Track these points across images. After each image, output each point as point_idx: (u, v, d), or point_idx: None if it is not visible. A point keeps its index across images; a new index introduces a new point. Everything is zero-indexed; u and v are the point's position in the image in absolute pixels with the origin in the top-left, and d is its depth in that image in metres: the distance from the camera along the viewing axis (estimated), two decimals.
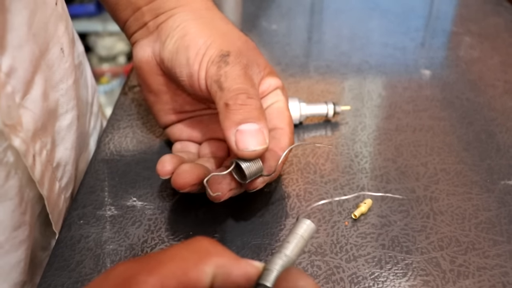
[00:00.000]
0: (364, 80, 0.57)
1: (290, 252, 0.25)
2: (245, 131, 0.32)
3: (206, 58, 0.36)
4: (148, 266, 0.21)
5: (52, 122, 0.37)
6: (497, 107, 0.52)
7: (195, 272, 0.22)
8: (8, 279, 0.34)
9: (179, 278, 0.21)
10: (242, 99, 0.33)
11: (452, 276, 0.34)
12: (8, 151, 0.31)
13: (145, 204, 0.39)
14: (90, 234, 0.37)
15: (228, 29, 0.39)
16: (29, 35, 0.32)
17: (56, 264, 0.35)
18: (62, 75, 0.37)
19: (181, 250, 0.23)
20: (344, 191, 0.41)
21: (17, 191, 0.32)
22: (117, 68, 2.10)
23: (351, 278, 0.34)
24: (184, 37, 0.37)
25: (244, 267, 0.23)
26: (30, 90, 0.32)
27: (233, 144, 0.32)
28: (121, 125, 0.48)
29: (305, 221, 0.26)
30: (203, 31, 0.37)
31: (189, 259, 0.22)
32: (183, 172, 0.34)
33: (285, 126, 0.37)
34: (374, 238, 0.37)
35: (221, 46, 0.36)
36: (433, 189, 0.41)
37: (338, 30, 0.70)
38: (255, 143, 0.32)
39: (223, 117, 0.33)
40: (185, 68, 0.36)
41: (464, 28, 0.70)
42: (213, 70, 0.35)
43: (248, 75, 0.35)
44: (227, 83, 0.34)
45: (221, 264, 0.23)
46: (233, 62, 0.35)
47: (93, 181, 0.41)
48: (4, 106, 0.29)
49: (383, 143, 0.47)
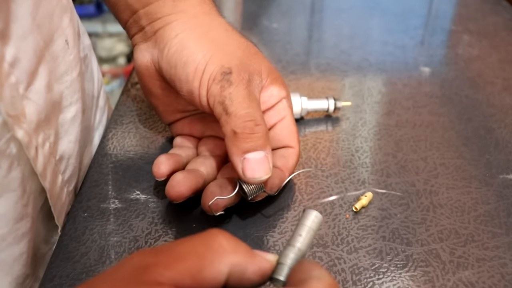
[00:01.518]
0: (364, 77, 0.58)
1: (301, 244, 0.26)
2: (252, 160, 0.33)
3: (206, 76, 0.35)
4: (165, 260, 0.21)
5: (55, 114, 0.37)
6: (495, 104, 0.53)
7: (210, 271, 0.22)
8: (11, 272, 0.34)
9: (195, 276, 0.21)
10: (250, 128, 0.33)
11: (451, 267, 0.34)
12: (11, 142, 0.31)
13: (148, 197, 0.40)
14: (94, 227, 0.37)
15: (228, 37, 0.38)
16: (33, 25, 0.32)
17: (61, 255, 0.35)
18: (67, 67, 0.37)
19: (197, 245, 0.23)
20: (345, 185, 0.41)
21: (19, 183, 0.33)
22: (117, 69, 2.11)
23: (352, 269, 0.34)
24: (182, 51, 0.36)
25: (259, 263, 0.24)
26: (34, 81, 0.32)
27: (240, 170, 0.33)
28: (124, 120, 0.49)
29: (313, 212, 0.26)
30: (201, 45, 0.36)
31: (205, 257, 0.22)
32: (177, 184, 0.35)
33: (295, 145, 0.39)
34: (375, 230, 0.37)
35: (222, 61, 0.36)
36: (433, 183, 0.41)
37: (339, 28, 0.70)
38: (261, 172, 0.33)
39: (231, 144, 0.34)
40: (185, 85, 0.36)
41: (463, 27, 0.70)
42: (215, 90, 0.35)
43: (252, 94, 0.35)
44: (233, 107, 0.34)
45: (236, 263, 0.23)
46: (236, 81, 0.35)
47: (97, 175, 0.42)
48: (8, 96, 0.29)
49: (383, 138, 0.47)
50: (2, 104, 0.29)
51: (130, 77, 0.56)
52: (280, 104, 0.39)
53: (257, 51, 0.39)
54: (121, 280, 0.20)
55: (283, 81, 0.40)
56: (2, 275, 0.34)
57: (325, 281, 0.22)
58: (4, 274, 0.34)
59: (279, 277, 0.24)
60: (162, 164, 0.37)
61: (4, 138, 0.30)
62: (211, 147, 0.41)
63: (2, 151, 0.30)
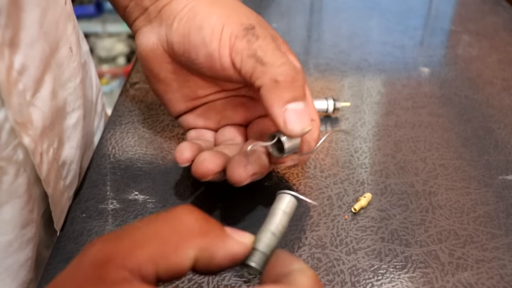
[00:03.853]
0: (364, 77, 0.58)
1: (275, 229, 0.24)
2: (294, 111, 0.32)
3: (226, 35, 0.34)
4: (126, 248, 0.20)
5: (59, 120, 0.37)
6: (495, 104, 0.52)
7: (175, 256, 0.21)
8: (17, 277, 0.34)
9: (158, 262, 0.20)
10: (293, 75, 0.32)
11: (450, 268, 0.34)
12: (18, 149, 0.31)
13: (146, 198, 0.39)
14: (92, 228, 0.37)
15: (237, 5, 0.37)
16: (41, 33, 0.32)
17: (59, 256, 0.35)
18: (71, 74, 0.37)
19: (161, 227, 0.21)
20: (344, 185, 0.41)
21: (25, 189, 0.33)
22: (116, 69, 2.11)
23: (351, 270, 0.34)
24: (194, 17, 0.35)
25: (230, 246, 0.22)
26: (40, 88, 0.32)
27: (281, 122, 0.32)
28: (123, 121, 0.48)
29: (286, 196, 0.25)
30: (213, 9, 0.35)
31: (169, 241, 0.21)
32: (204, 161, 0.34)
33: (315, 118, 0.37)
34: (373, 231, 0.37)
35: (240, 20, 0.34)
36: (432, 184, 0.41)
37: (338, 28, 0.70)
38: (304, 123, 0.32)
39: (271, 94, 0.32)
40: (202, 49, 0.35)
41: (463, 27, 0.70)
42: (242, 44, 0.33)
43: (282, 49, 0.34)
44: (268, 57, 0.32)
45: (205, 246, 0.21)
46: (263, 34, 0.33)
47: (95, 175, 0.42)
48: (16, 104, 0.29)
49: (382, 139, 0.47)
50: (10, 112, 0.29)
51: (128, 78, 0.56)
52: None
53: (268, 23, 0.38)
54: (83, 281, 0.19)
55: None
56: (9, 281, 0.34)
57: (308, 274, 0.22)
58: (11, 279, 0.34)
59: (252, 264, 0.23)
60: (186, 149, 0.35)
61: (11, 144, 0.30)
62: (231, 135, 0.39)
63: (9, 157, 0.30)
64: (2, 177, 0.30)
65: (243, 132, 0.40)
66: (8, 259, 0.33)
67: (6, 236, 0.32)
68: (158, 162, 0.43)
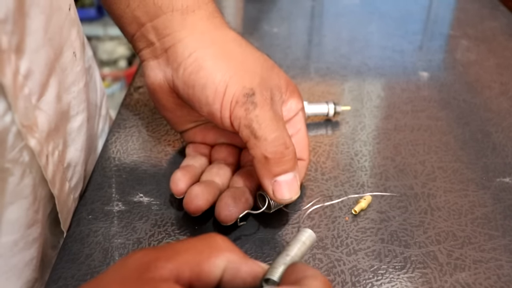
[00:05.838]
0: (364, 81, 0.59)
1: (294, 254, 0.27)
2: (282, 182, 0.34)
3: (228, 98, 0.35)
4: (165, 254, 0.23)
5: (64, 123, 0.38)
6: (493, 108, 0.53)
7: (208, 263, 0.23)
8: (22, 277, 0.35)
9: (193, 268, 0.23)
10: (281, 152, 0.34)
11: (449, 268, 0.35)
12: (24, 151, 0.32)
13: (151, 200, 0.40)
14: (98, 229, 0.38)
15: (243, 53, 0.38)
16: (45, 39, 0.33)
17: (66, 257, 0.36)
18: (74, 78, 0.38)
19: (195, 243, 0.24)
20: (344, 188, 0.42)
21: (31, 190, 0.33)
22: (118, 72, 2.12)
23: (351, 271, 0.35)
24: (198, 72, 0.36)
25: (252, 265, 0.25)
26: (45, 92, 0.33)
27: (270, 192, 0.35)
28: (127, 124, 0.49)
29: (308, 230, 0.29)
30: (217, 64, 0.36)
31: (203, 251, 0.24)
32: (195, 197, 0.36)
33: (306, 157, 0.40)
34: (373, 232, 0.38)
35: (242, 81, 0.35)
36: (431, 186, 0.42)
37: (338, 33, 0.71)
38: (292, 193, 0.35)
39: (261, 167, 0.34)
40: (205, 107, 0.36)
41: (461, 32, 0.71)
42: (240, 112, 0.35)
43: (278, 114, 0.36)
44: (261, 131, 0.34)
45: (232, 260, 0.24)
46: (261, 103, 0.35)
47: (100, 178, 0.43)
48: (22, 107, 0.30)
49: (382, 142, 0.48)
50: (16, 115, 0.30)
51: (132, 82, 0.56)
52: (296, 117, 0.40)
53: (274, 64, 0.39)
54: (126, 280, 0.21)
55: (299, 92, 0.40)
56: (14, 280, 0.35)
57: (320, 279, 0.23)
58: (16, 278, 0.35)
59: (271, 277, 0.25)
60: (180, 181, 0.37)
61: (17, 147, 0.31)
62: (225, 155, 0.42)
63: (15, 159, 0.31)
64: (8, 178, 0.31)
65: (236, 153, 0.42)
66: (13, 258, 0.34)
67: (12, 235, 0.33)
68: (162, 165, 0.44)
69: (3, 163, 0.30)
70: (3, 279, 0.34)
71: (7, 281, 0.34)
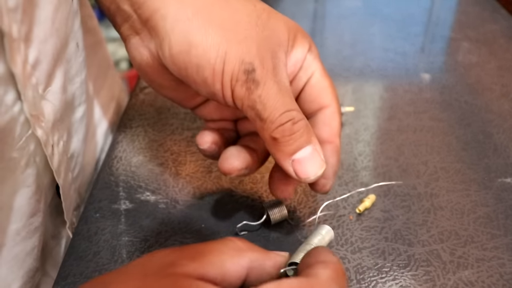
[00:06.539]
0: (366, 83, 0.59)
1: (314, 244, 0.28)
2: (301, 160, 0.31)
3: (227, 77, 0.31)
4: (189, 254, 0.23)
5: (68, 114, 0.38)
6: (494, 110, 0.54)
7: (232, 264, 0.24)
8: (24, 266, 0.36)
9: (218, 268, 0.23)
10: (289, 129, 0.31)
11: (452, 267, 0.36)
12: (30, 140, 0.32)
13: (158, 198, 0.41)
14: (106, 227, 0.38)
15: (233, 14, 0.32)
16: (53, 29, 0.33)
17: (74, 254, 0.36)
18: (77, 69, 0.39)
19: (217, 245, 0.25)
20: (348, 187, 0.42)
21: (34, 179, 0.34)
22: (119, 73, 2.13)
23: (356, 269, 0.35)
24: (189, 52, 0.31)
25: (274, 257, 0.26)
26: (51, 82, 0.34)
27: (292, 174, 0.31)
28: (133, 124, 0.50)
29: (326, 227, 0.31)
30: (208, 38, 0.31)
31: (226, 253, 0.24)
32: (231, 157, 0.34)
33: (330, 102, 0.35)
34: (377, 231, 0.38)
35: (240, 54, 0.31)
36: (433, 186, 0.43)
37: (341, 35, 0.72)
38: (315, 168, 0.31)
39: (274, 150, 0.31)
40: (204, 88, 0.32)
41: (463, 34, 0.72)
42: (242, 92, 0.31)
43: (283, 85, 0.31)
44: (266, 112, 0.31)
45: (255, 259, 0.25)
46: (263, 79, 0.31)
47: (108, 176, 0.43)
48: (30, 96, 0.31)
49: (385, 142, 0.48)
50: (25, 104, 0.30)
51: (138, 82, 0.57)
52: (305, 62, 0.35)
53: (268, 13, 0.34)
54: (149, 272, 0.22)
55: (304, 32, 0.35)
56: (16, 269, 0.35)
57: (330, 266, 0.24)
58: (18, 267, 0.35)
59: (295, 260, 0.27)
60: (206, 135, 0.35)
61: (24, 136, 0.32)
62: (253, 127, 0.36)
63: (22, 148, 0.32)
64: (14, 167, 0.32)
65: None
66: (15, 248, 0.34)
67: (14, 224, 0.34)
68: (168, 163, 0.45)
69: (11, 152, 0.31)
70: (6, 268, 0.34)
71: (10, 270, 0.35)
